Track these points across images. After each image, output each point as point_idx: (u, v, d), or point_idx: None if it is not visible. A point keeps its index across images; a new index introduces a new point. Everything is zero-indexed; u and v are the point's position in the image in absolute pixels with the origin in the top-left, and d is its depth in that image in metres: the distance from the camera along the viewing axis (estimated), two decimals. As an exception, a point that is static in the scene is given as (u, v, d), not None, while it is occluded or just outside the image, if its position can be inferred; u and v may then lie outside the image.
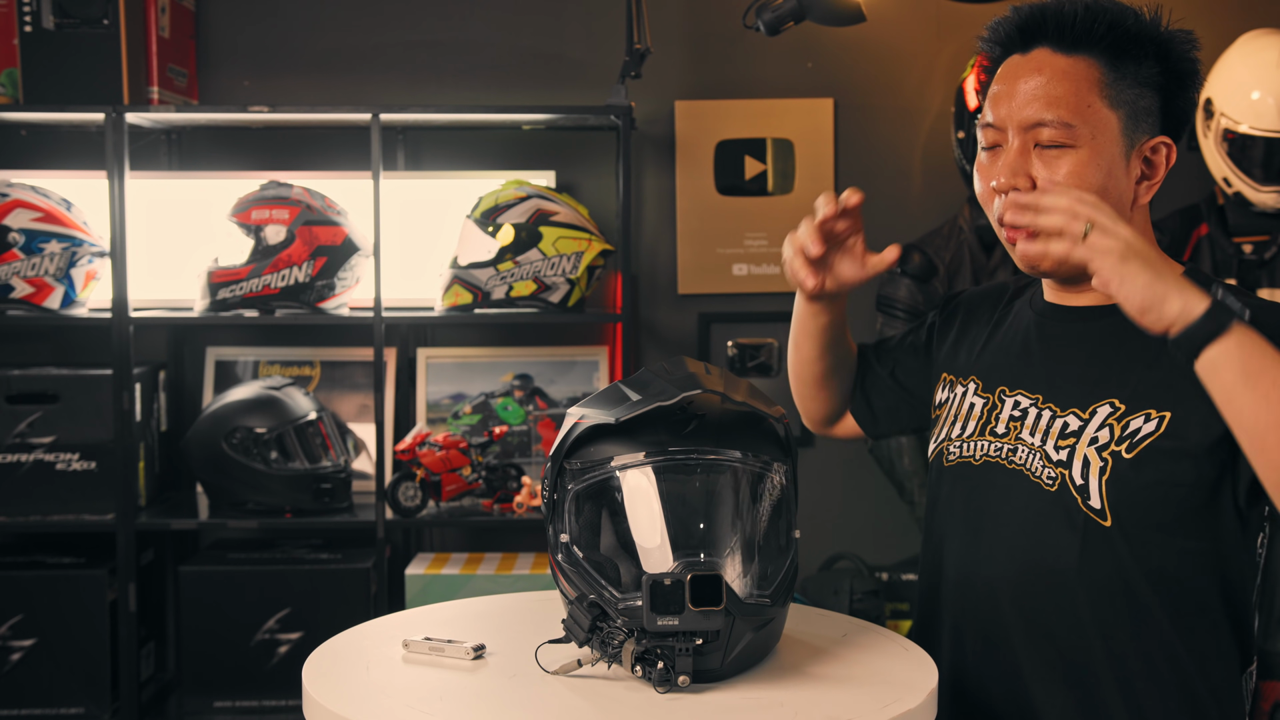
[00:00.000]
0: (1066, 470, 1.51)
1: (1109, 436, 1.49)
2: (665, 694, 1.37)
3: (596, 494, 1.46)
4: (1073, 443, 1.51)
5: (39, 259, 2.90)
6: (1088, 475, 1.49)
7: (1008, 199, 1.48)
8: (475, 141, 3.27)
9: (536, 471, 3.14)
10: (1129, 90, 1.50)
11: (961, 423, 1.65)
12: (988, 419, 1.61)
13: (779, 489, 1.50)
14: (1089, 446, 1.49)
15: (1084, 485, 1.49)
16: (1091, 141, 1.48)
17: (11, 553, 3.06)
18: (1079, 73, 1.49)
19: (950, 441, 1.65)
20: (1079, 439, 1.51)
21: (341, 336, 3.26)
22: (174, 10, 3.07)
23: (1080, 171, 1.48)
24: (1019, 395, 1.59)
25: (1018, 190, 1.50)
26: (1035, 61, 1.52)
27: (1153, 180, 1.54)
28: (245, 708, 2.91)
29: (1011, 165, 1.50)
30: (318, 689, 1.39)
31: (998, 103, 1.53)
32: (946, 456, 1.65)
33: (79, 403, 2.95)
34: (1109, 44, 1.49)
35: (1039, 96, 1.49)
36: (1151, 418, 1.47)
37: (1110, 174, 1.50)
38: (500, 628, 1.59)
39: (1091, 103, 1.49)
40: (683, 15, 3.28)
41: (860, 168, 3.33)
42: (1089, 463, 1.49)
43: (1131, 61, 1.50)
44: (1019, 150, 1.51)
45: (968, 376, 1.68)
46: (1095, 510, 1.49)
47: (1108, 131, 1.49)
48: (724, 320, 3.34)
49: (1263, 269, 2.97)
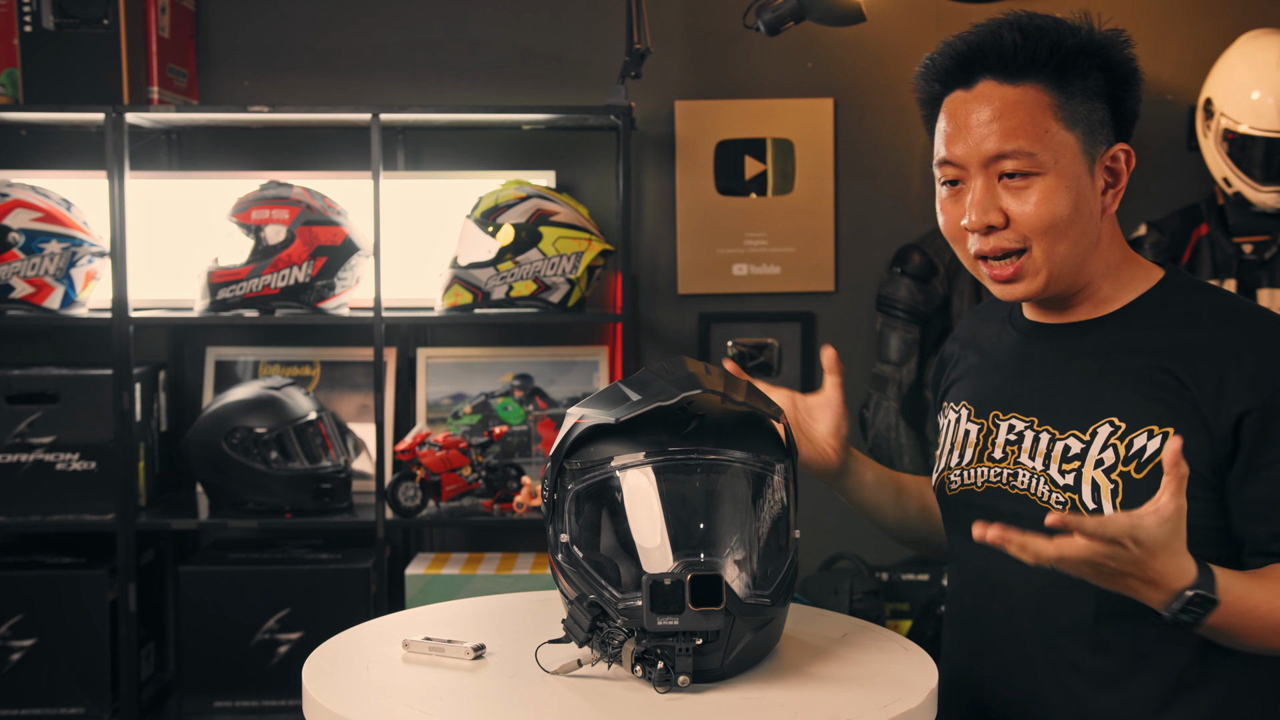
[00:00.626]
0: (1075, 494, 1.49)
1: (1114, 457, 1.47)
2: (665, 694, 1.37)
3: (596, 494, 1.46)
4: (1078, 466, 1.49)
5: (39, 259, 2.90)
6: (1099, 498, 1.47)
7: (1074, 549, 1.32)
8: (475, 141, 3.27)
9: (536, 471, 3.14)
10: (1080, 107, 1.48)
11: (959, 451, 1.63)
12: (984, 445, 1.60)
13: (779, 489, 1.50)
14: (1095, 469, 1.48)
15: (1097, 508, 1.47)
16: (1055, 166, 1.47)
17: (11, 553, 3.06)
18: (1029, 100, 1.48)
19: (950, 470, 1.64)
20: (1084, 462, 1.49)
21: (341, 336, 3.26)
22: (174, 10, 3.07)
23: (1049, 198, 1.47)
24: (1013, 419, 1.57)
25: (994, 228, 1.49)
26: (982, 95, 1.50)
27: (1117, 188, 1.53)
28: (245, 708, 2.91)
29: (981, 203, 1.49)
30: (318, 689, 1.39)
31: (952, 140, 1.51)
32: (949, 486, 1.64)
33: (79, 403, 2.95)
34: (1053, 67, 1.48)
35: (995, 130, 1.48)
36: (1154, 434, 1.46)
37: (1079, 194, 1.49)
38: (500, 628, 1.59)
39: (1048, 128, 1.47)
40: (683, 15, 3.28)
41: (860, 168, 3.33)
42: (1099, 485, 1.47)
43: (1077, 78, 1.48)
44: (984, 187, 1.49)
45: (959, 402, 1.67)
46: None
47: (1069, 153, 1.48)
48: (724, 320, 3.34)
49: (1263, 269, 2.97)
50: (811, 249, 3.33)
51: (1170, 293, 1.55)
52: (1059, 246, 1.49)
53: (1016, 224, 1.49)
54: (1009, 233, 1.49)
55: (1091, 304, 1.56)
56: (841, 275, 3.35)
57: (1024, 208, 1.48)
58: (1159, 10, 3.21)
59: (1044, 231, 1.48)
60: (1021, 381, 1.59)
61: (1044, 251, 1.49)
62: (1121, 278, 1.56)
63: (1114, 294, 1.56)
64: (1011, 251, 1.50)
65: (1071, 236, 1.49)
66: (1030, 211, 1.48)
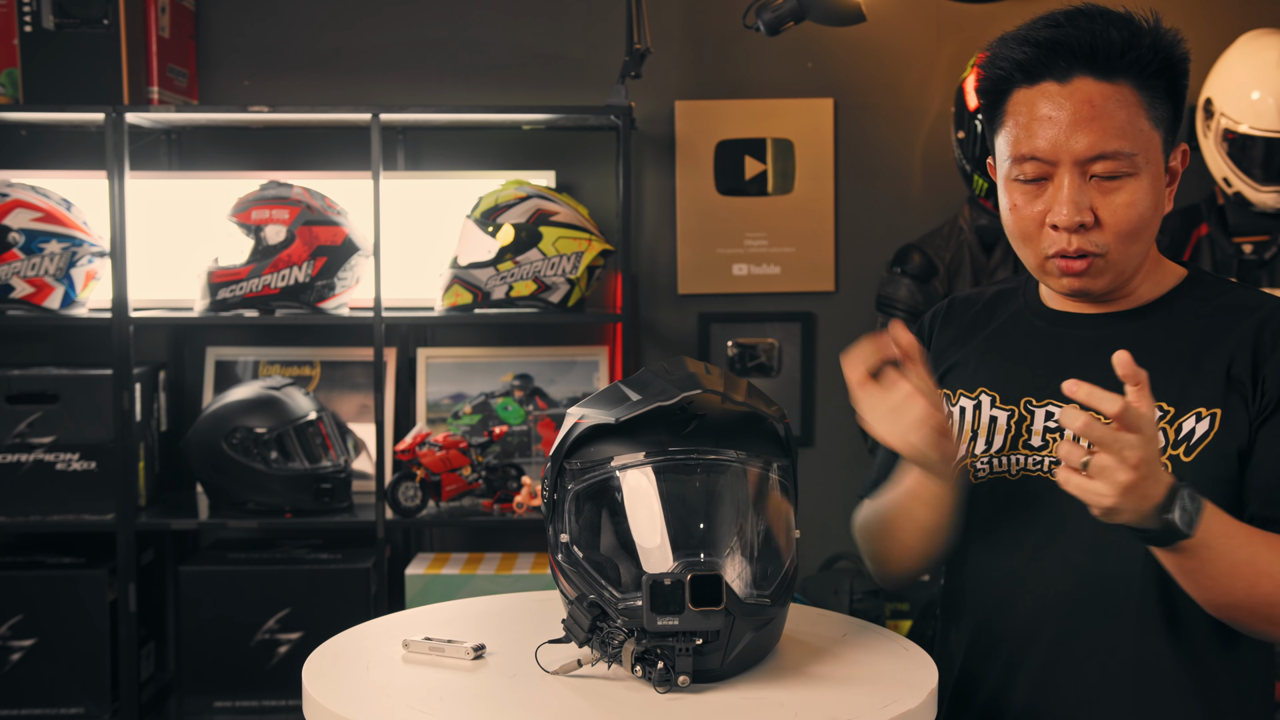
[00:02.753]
0: None
1: (1164, 440, 1.47)
2: (665, 694, 1.37)
3: (596, 494, 1.46)
4: None
5: (39, 259, 2.90)
6: None
7: (1076, 426, 1.30)
8: (475, 141, 3.27)
9: (536, 471, 3.14)
10: (1162, 108, 1.48)
11: (985, 438, 1.60)
12: (1018, 431, 1.58)
13: (779, 489, 1.50)
14: None
15: None
16: (1147, 166, 1.47)
17: (11, 553, 3.06)
18: (1124, 99, 1.46)
19: (975, 458, 1.60)
20: None
21: (341, 336, 3.26)
22: (174, 10, 3.07)
23: (1136, 199, 1.46)
24: (1049, 405, 1.56)
25: (1084, 226, 1.46)
26: (1081, 91, 1.46)
27: (1173, 186, 1.54)
28: (245, 708, 2.91)
29: (1075, 201, 1.46)
30: (318, 689, 1.39)
31: (1039, 133, 1.47)
32: (974, 474, 1.60)
33: (79, 403, 2.95)
34: (1143, 65, 1.46)
35: (1095, 128, 1.45)
36: (1203, 416, 1.47)
37: (1159, 194, 1.49)
38: (500, 628, 1.59)
39: (1143, 128, 1.46)
40: (683, 15, 3.28)
41: (860, 168, 3.33)
42: None
43: (1157, 78, 1.48)
44: (1076, 184, 1.46)
45: (975, 389, 1.63)
46: None
47: (1155, 153, 1.48)
48: (724, 320, 3.34)
49: (1263, 269, 2.97)
50: (811, 249, 3.33)
51: (1199, 288, 1.56)
52: (1133, 247, 1.49)
53: (1105, 225, 1.47)
54: (1095, 234, 1.47)
55: (1126, 297, 1.57)
56: (841, 275, 3.35)
57: (1113, 208, 1.46)
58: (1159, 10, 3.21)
59: (1128, 233, 1.47)
60: (1057, 369, 1.53)
61: (1119, 253, 1.49)
62: (1152, 274, 1.57)
63: (1141, 289, 1.56)
64: (1090, 253, 1.48)
65: (1146, 237, 1.50)
66: (1120, 213, 1.46)
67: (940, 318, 1.74)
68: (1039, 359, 1.60)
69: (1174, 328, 1.53)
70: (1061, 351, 1.58)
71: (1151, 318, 1.55)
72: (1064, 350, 1.58)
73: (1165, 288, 1.56)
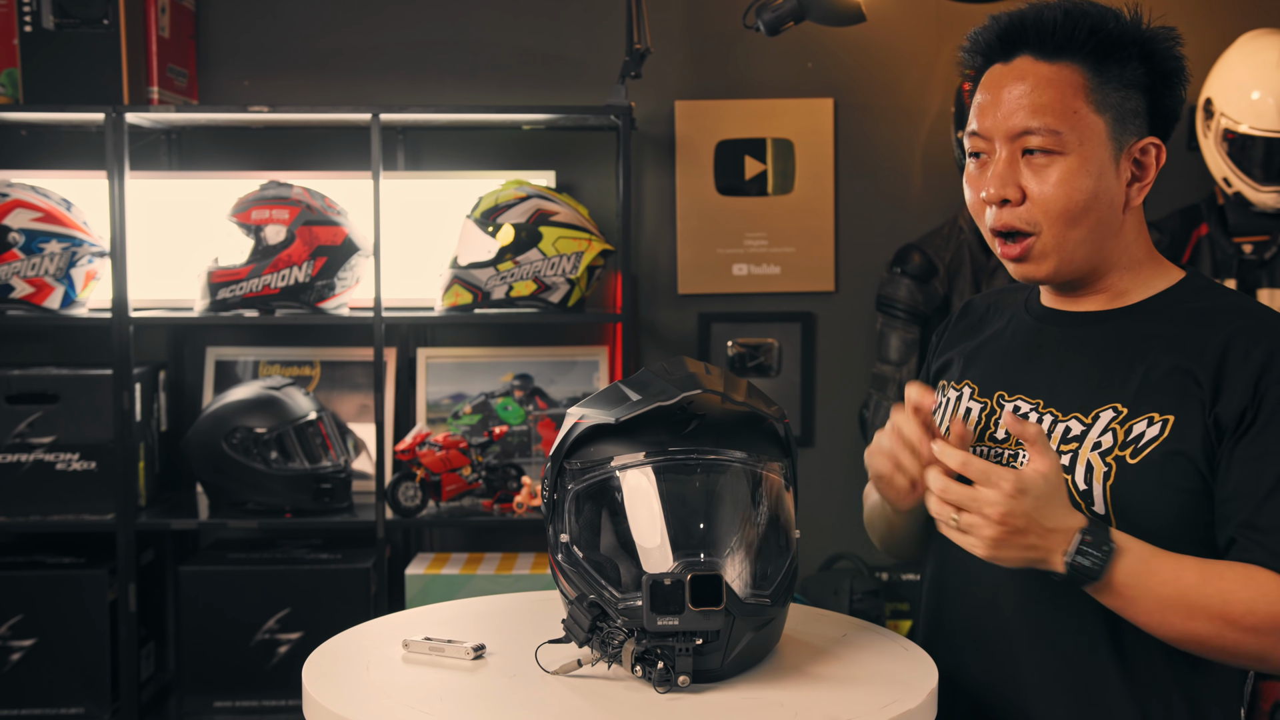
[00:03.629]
0: (1070, 475, 1.49)
1: (1112, 441, 1.48)
2: (665, 694, 1.37)
3: (596, 494, 1.46)
4: (1075, 447, 1.50)
5: (39, 259, 2.90)
6: (1091, 480, 1.48)
7: (934, 489, 1.41)
8: (475, 141, 3.27)
9: (536, 471, 3.14)
10: (1114, 93, 1.49)
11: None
12: (986, 424, 1.60)
13: (779, 489, 1.50)
14: (1092, 451, 1.48)
15: (1087, 490, 1.48)
16: (1079, 148, 1.48)
17: (11, 553, 3.06)
18: (1063, 79, 1.48)
19: None
20: (1081, 444, 1.49)
21: (341, 336, 3.26)
22: (174, 10, 3.07)
23: (1069, 179, 1.48)
24: (1019, 400, 1.58)
25: (1008, 202, 1.50)
26: (1018, 70, 1.51)
27: (1144, 181, 1.53)
28: (245, 708, 2.92)
29: (1001, 176, 1.50)
30: (318, 689, 1.39)
31: (983, 113, 1.52)
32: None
33: (79, 403, 2.95)
34: (1091, 49, 1.48)
35: (1024, 105, 1.49)
36: (1154, 421, 1.46)
37: (1100, 179, 1.49)
38: (500, 628, 1.59)
39: (1077, 108, 1.48)
40: (683, 15, 3.28)
41: (860, 168, 3.33)
42: (1092, 468, 1.48)
43: (1115, 64, 1.49)
44: (1007, 160, 1.50)
45: (961, 381, 1.66)
46: (1099, 516, 1.47)
47: (1095, 137, 1.48)
48: (724, 320, 3.34)
49: (1263, 269, 2.97)
50: (811, 249, 3.33)
51: (1188, 292, 1.55)
52: (1072, 232, 1.49)
53: (1032, 202, 1.49)
54: (1023, 210, 1.50)
55: (1109, 296, 1.57)
56: (841, 275, 3.35)
57: (1043, 186, 1.48)
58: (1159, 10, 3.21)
59: (1059, 214, 1.48)
60: (1031, 365, 1.59)
61: (1055, 236, 1.50)
62: (1142, 274, 1.56)
63: (1132, 289, 1.56)
64: (1020, 232, 1.51)
65: (1086, 223, 1.49)
66: (1048, 191, 1.48)
67: (956, 316, 1.78)
68: (1018, 354, 1.62)
69: (1148, 330, 1.52)
70: (1039, 348, 1.60)
71: (1130, 319, 1.54)
72: (1041, 347, 1.60)
73: (1156, 288, 1.56)
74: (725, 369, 1.78)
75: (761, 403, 1.49)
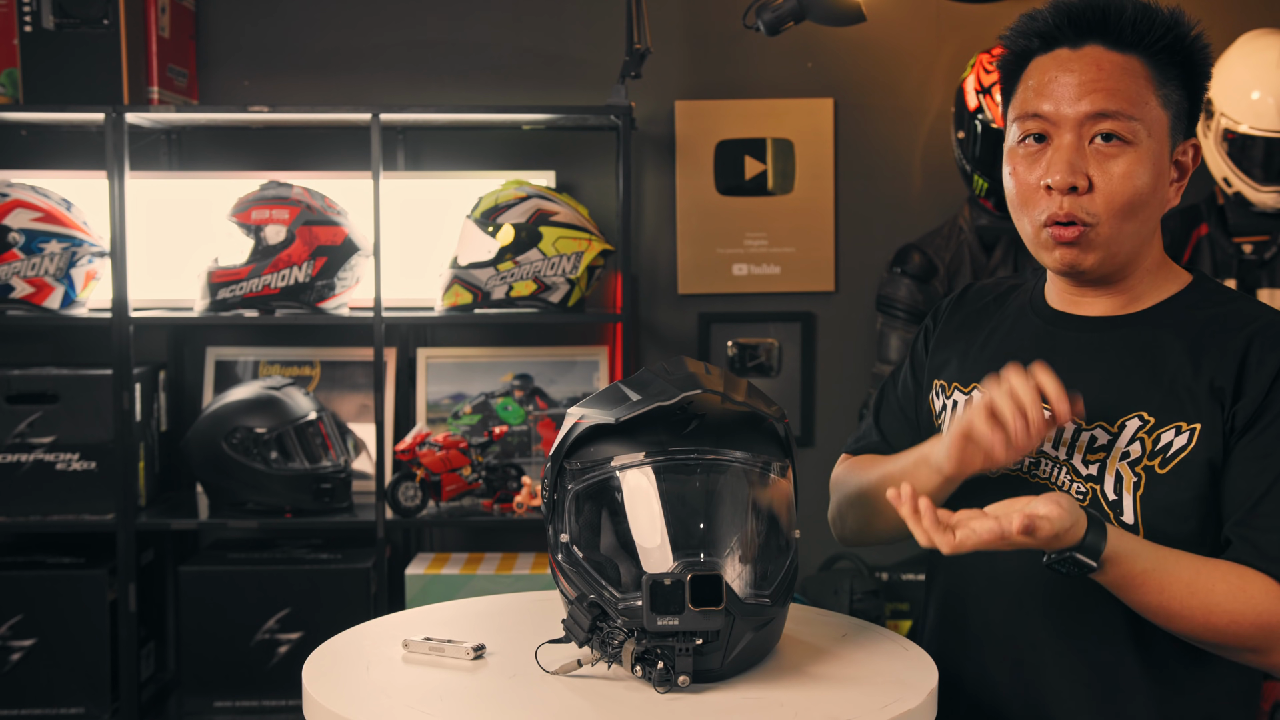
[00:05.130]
0: (1098, 485, 1.49)
1: (1140, 451, 1.47)
2: (665, 694, 1.37)
3: (596, 494, 1.46)
4: (1103, 457, 1.49)
5: (39, 259, 2.90)
6: (1121, 490, 1.47)
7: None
8: (475, 141, 3.27)
9: (536, 471, 3.14)
10: (1174, 92, 1.49)
11: None
12: None
13: (779, 489, 1.50)
14: (1121, 461, 1.48)
15: (1117, 500, 1.47)
16: (1147, 140, 1.47)
17: (11, 553, 3.06)
18: (1134, 69, 1.47)
19: None
20: (1109, 453, 1.49)
21: (341, 336, 3.26)
22: (174, 10, 3.07)
23: (1133, 171, 1.46)
24: None
25: (1075, 189, 1.46)
26: (1089, 56, 1.48)
27: (1181, 183, 1.53)
28: (245, 708, 2.91)
29: (1070, 162, 1.46)
30: (318, 689, 1.39)
31: (1046, 94, 1.49)
32: None
33: (79, 403, 2.95)
34: (1161, 47, 1.48)
35: (1101, 88, 1.46)
36: (1183, 431, 1.46)
37: (1158, 175, 1.48)
38: (500, 628, 1.59)
39: (1149, 100, 1.47)
40: (683, 15, 3.28)
41: (860, 168, 3.33)
42: (1122, 478, 1.47)
43: (1172, 65, 1.49)
44: (1075, 146, 1.47)
45: (969, 384, 1.64)
46: (1129, 525, 1.47)
47: (1159, 131, 1.48)
48: (724, 320, 3.34)
49: (1263, 269, 2.97)
50: (811, 249, 3.33)
51: (1199, 296, 1.55)
52: (1126, 225, 1.48)
53: (1098, 191, 1.46)
54: (1086, 200, 1.47)
55: (1125, 299, 1.56)
56: (841, 275, 3.35)
57: (1109, 177, 1.46)
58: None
59: (1120, 206, 1.47)
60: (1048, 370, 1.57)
61: (1111, 229, 1.48)
62: (1156, 277, 1.56)
63: (1146, 292, 1.56)
64: (1080, 221, 1.48)
65: (1140, 217, 1.49)
66: (1114, 183, 1.46)
67: (953, 303, 1.75)
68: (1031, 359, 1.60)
69: (1166, 337, 1.52)
70: (1054, 353, 1.57)
71: (1146, 324, 1.54)
72: (1056, 352, 1.57)
73: (1167, 293, 1.56)
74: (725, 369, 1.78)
75: (761, 403, 1.49)
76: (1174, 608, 1.41)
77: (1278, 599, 1.40)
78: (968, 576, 1.61)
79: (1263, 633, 1.40)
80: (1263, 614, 1.39)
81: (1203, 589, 1.40)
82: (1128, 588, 1.41)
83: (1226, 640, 1.41)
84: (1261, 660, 1.43)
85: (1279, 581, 1.40)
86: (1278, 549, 1.41)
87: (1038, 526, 1.33)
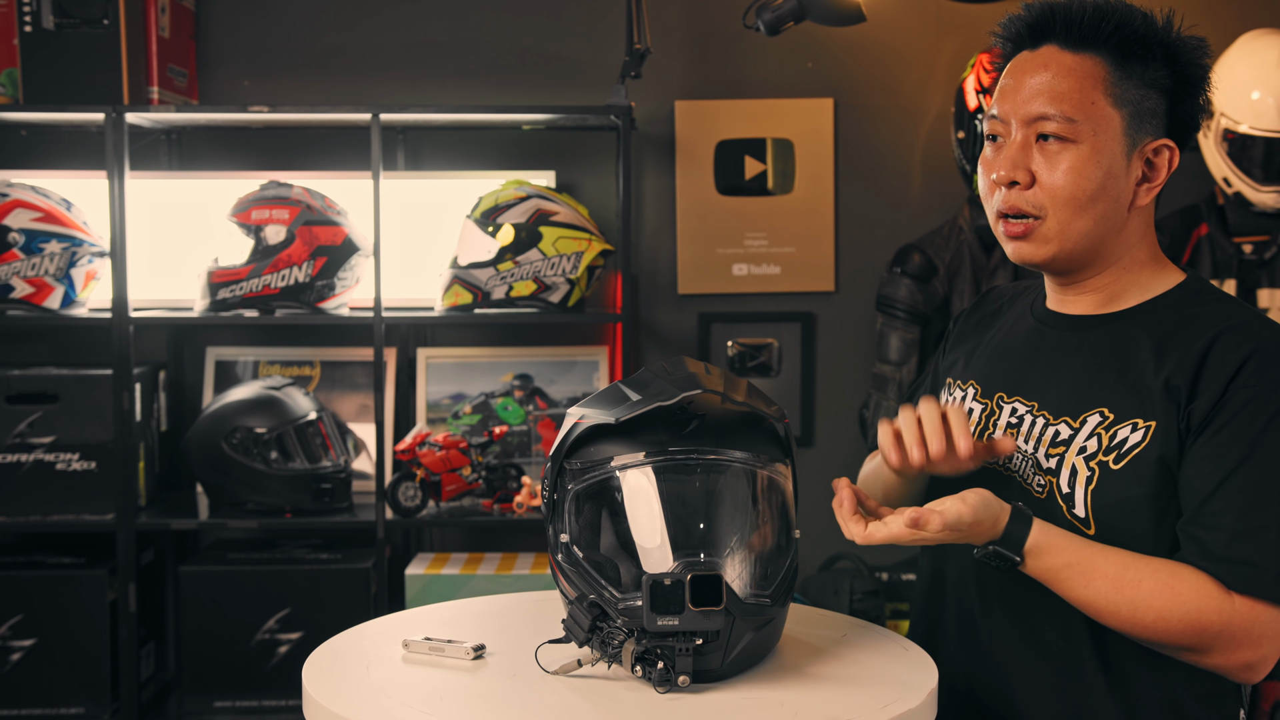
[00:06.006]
0: (1055, 478, 1.52)
1: (1097, 446, 1.50)
2: (665, 694, 1.37)
3: (596, 494, 1.46)
4: (1062, 451, 1.52)
5: (39, 259, 2.90)
6: (1074, 484, 1.50)
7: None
8: (475, 141, 3.27)
9: (536, 471, 3.14)
10: (1134, 90, 1.50)
11: None
12: (985, 425, 1.62)
13: (779, 489, 1.50)
14: (1078, 455, 1.50)
15: (1070, 494, 1.50)
16: (1093, 138, 1.49)
17: (11, 553, 3.06)
18: (1085, 70, 1.50)
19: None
20: (1068, 447, 1.51)
21: (341, 336, 3.26)
22: (174, 10, 3.07)
23: (1078, 168, 1.49)
24: (1016, 402, 1.59)
25: (1016, 184, 1.52)
26: (1042, 57, 1.53)
27: (1153, 183, 1.54)
28: (245, 708, 2.91)
29: (1012, 158, 1.52)
30: (318, 689, 1.39)
31: (1003, 96, 1.55)
32: None
33: (79, 403, 2.95)
34: (1116, 43, 1.50)
35: (1043, 91, 1.51)
36: (1138, 427, 1.48)
37: (1109, 173, 1.50)
38: (500, 628, 1.59)
39: (1095, 100, 1.49)
40: (683, 15, 3.28)
41: (860, 168, 3.33)
42: (1076, 471, 1.50)
43: (1138, 63, 1.50)
44: (1020, 144, 1.52)
45: (967, 381, 1.68)
46: (1079, 519, 1.49)
47: (1109, 130, 1.50)
48: (724, 320, 3.34)
49: (1263, 269, 2.97)
50: (811, 249, 3.33)
51: (1185, 296, 1.56)
52: (1076, 222, 1.50)
53: (1040, 187, 1.51)
54: (1030, 194, 1.51)
55: (1104, 297, 1.57)
56: (841, 275, 3.35)
57: (1052, 173, 1.50)
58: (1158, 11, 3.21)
59: (1065, 201, 1.50)
60: (1030, 367, 1.61)
61: (1059, 223, 1.51)
62: (1141, 277, 1.57)
63: (1128, 291, 1.57)
64: (1027, 214, 1.52)
65: (1092, 214, 1.50)
66: (1058, 178, 1.50)
67: (975, 304, 1.80)
68: (1019, 356, 1.64)
69: (1137, 336, 1.53)
70: (1038, 350, 1.61)
71: (1124, 323, 1.55)
72: (1040, 349, 1.61)
73: (1153, 293, 1.56)
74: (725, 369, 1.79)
75: (761, 403, 1.49)
76: (1100, 603, 1.43)
77: (1210, 598, 1.40)
78: (943, 568, 1.65)
79: (1193, 631, 1.41)
80: (1190, 612, 1.40)
81: (1129, 584, 1.42)
82: (1054, 581, 1.45)
83: (1158, 637, 1.43)
84: (1203, 660, 1.44)
85: (1219, 581, 1.41)
86: (1221, 548, 1.41)
87: (927, 520, 1.41)
